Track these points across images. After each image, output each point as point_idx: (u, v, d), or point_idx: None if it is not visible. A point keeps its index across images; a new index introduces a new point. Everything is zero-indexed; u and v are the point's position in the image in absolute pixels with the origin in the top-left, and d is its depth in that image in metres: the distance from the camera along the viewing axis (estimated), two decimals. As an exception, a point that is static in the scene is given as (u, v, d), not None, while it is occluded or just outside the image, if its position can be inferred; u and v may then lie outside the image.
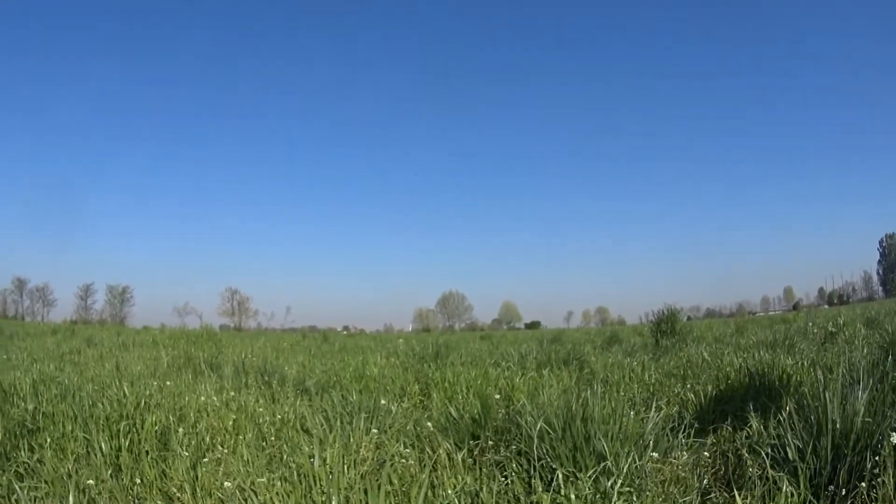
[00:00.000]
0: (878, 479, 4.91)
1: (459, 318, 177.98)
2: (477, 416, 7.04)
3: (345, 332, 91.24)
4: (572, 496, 4.32)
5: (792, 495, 4.85)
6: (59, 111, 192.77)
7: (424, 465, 5.48)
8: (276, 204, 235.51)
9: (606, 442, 5.61)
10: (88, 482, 5.82)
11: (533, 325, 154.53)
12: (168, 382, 10.01)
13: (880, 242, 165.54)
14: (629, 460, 5.36)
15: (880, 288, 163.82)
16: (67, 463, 6.45)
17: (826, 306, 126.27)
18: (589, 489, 4.89)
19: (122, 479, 6.19)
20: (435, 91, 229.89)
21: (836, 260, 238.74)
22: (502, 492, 4.98)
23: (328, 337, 37.51)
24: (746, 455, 5.81)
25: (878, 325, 15.96)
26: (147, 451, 6.82)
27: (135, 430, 7.28)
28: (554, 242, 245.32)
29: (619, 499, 4.69)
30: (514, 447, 5.96)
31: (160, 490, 6.05)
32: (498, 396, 7.72)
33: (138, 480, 6.14)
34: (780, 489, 4.86)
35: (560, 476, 5.08)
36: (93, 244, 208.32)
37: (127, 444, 7.03)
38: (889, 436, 5.11)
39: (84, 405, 7.93)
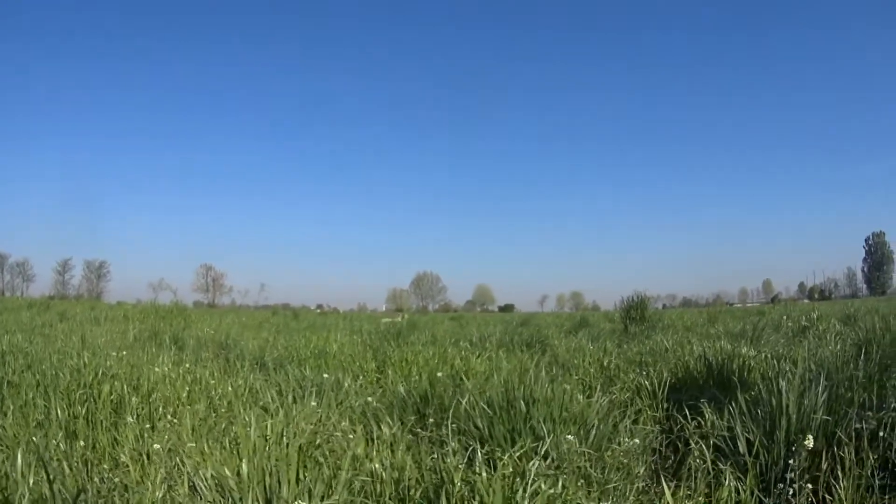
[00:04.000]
0: (835, 480, 4.79)
1: (433, 298, 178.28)
2: (424, 395, 7.11)
3: (318, 311, 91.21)
4: (483, 474, 4.33)
5: (738, 490, 4.66)
6: (37, 83, 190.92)
7: (358, 441, 5.47)
8: (252, 181, 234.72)
9: (546, 424, 5.53)
10: (42, 446, 5.94)
11: (506, 308, 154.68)
12: (123, 353, 10.04)
13: (866, 240, 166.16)
14: (561, 442, 5.27)
15: (864, 285, 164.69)
16: (29, 430, 6.56)
17: (806, 301, 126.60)
18: (508, 469, 4.69)
19: (76, 446, 6.27)
20: (411, 69, 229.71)
21: (818, 256, 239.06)
22: (428, 468, 5.01)
23: (298, 314, 37.55)
24: (694, 446, 5.55)
25: (854, 322, 15.78)
26: (102, 420, 6.93)
27: (92, 399, 7.39)
28: (531, 226, 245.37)
29: (538, 480, 4.46)
30: (455, 426, 5.78)
31: (111, 456, 6.15)
32: (440, 374, 7.56)
33: (92, 446, 6.26)
34: (725, 483, 4.66)
35: (479, 454, 4.91)
36: (74, 220, 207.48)
37: (84, 412, 7.14)
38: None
39: (47, 374, 8.04)
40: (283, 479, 4.35)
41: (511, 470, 4.58)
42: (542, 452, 5.01)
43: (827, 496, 4.75)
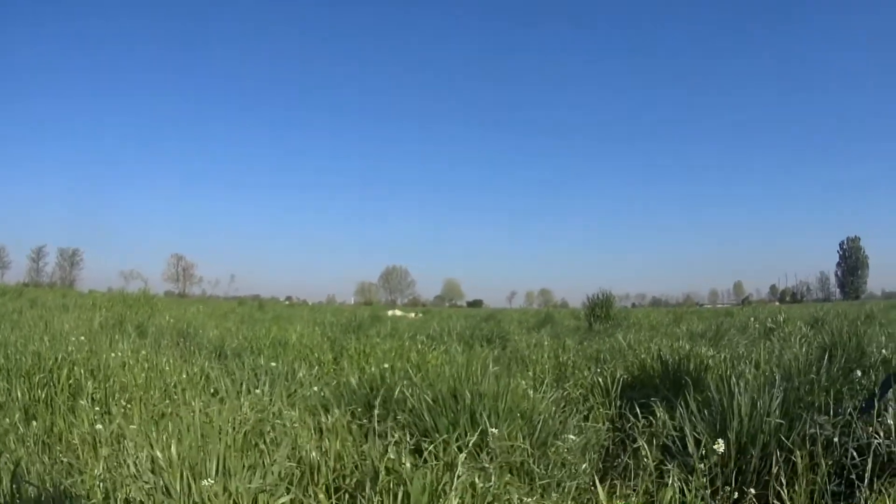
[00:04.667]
0: (785, 485, 4.61)
1: (402, 293, 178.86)
2: (373, 386, 7.16)
3: (287, 303, 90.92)
4: (407, 465, 4.33)
5: (682, 492, 4.54)
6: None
7: (300, 429, 5.49)
8: (224, 171, 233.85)
9: (491, 418, 5.45)
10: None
11: (475, 304, 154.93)
12: (82, 338, 10.10)
13: (841, 245, 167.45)
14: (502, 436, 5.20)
15: (838, 290, 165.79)
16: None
17: (777, 303, 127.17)
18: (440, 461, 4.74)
19: (34, 428, 6.40)
20: (386, 56, 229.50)
21: (791, 260, 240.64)
22: (364, 457, 5.04)
23: (264, 306, 37.47)
24: (642, 444, 5.29)
25: (822, 326, 15.51)
26: (60, 404, 7.07)
27: (52, 383, 7.52)
28: (502, 223, 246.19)
29: (471, 473, 4.46)
30: (402, 418, 5.84)
31: (67, 439, 6.29)
32: (387, 366, 7.62)
33: (50, 429, 6.39)
34: (669, 483, 4.49)
35: (406, 445, 4.92)
36: (48, 207, 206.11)
37: (43, 395, 7.29)
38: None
39: (11, 358, 8.16)
40: (213, 463, 4.44)
41: (441, 462, 4.61)
42: (478, 446, 5.03)
43: (776, 502, 4.63)
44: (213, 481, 4.08)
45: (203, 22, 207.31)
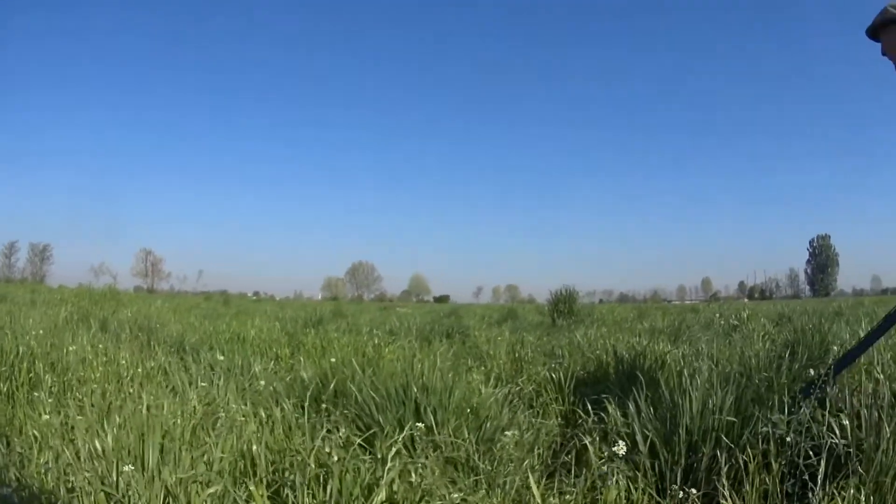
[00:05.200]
0: (736, 485, 4.47)
1: (368, 288, 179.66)
2: (324, 380, 7.22)
3: (254, 298, 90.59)
4: (335, 457, 4.31)
5: (630, 491, 4.53)
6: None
7: (246, 423, 5.52)
8: (192, 167, 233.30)
9: (439, 414, 5.49)
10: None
11: (442, 299, 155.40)
12: (41, 331, 10.19)
13: (811, 242, 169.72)
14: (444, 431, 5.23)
15: (807, 287, 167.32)
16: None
17: (746, 300, 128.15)
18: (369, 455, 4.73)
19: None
20: (350, 56, 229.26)
21: (761, 257, 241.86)
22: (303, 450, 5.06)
23: (229, 301, 37.37)
24: (589, 442, 5.09)
25: (788, 323, 15.33)
26: (20, 397, 7.23)
27: (13, 377, 7.69)
28: (470, 219, 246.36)
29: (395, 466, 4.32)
30: (346, 412, 5.86)
31: (25, 432, 6.44)
32: (333, 360, 7.58)
33: (10, 421, 6.54)
34: (616, 481, 4.47)
35: (337, 440, 4.89)
36: (19, 201, 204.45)
37: (5, 389, 7.45)
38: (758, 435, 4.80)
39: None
40: (153, 454, 4.59)
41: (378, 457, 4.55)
42: (427, 441, 5.04)
43: (723, 503, 4.38)
44: (132, 467, 4.14)
45: (164, 15, 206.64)
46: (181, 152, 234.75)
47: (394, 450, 4.47)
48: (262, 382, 7.30)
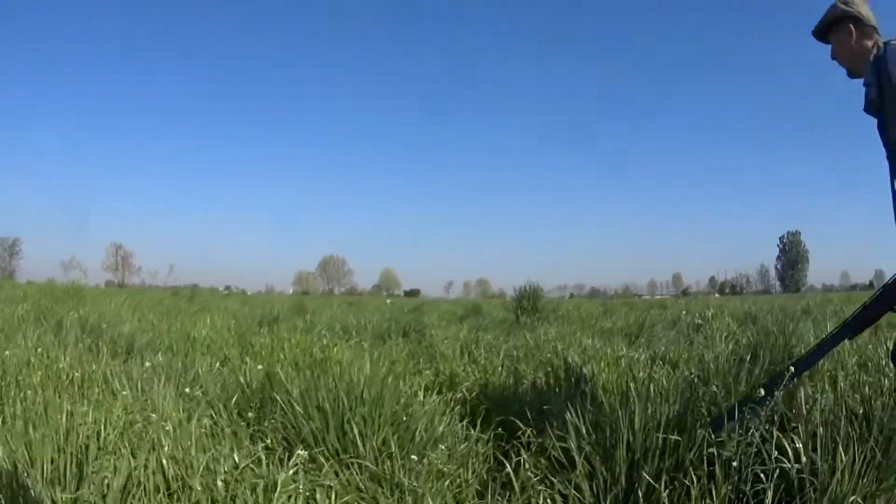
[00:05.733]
0: None
1: (339, 282, 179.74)
2: (261, 387, 6.86)
3: (225, 292, 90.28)
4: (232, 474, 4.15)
5: None
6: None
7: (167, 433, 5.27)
8: (162, 160, 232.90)
9: (366, 425, 5.22)
10: None
11: (412, 293, 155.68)
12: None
13: (781, 239, 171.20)
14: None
15: (777, 283, 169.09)
16: None
17: (717, 295, 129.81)
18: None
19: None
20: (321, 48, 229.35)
21: (731, 253, 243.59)
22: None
23: (195, 296, 36.84)
24: (526, 458, 4.92)
25: (754, 322, 15.23)
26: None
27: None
28: (441, 212, 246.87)
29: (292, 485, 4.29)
30: (274, 422, 5.57)
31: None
32: (260, 367, 7.34)
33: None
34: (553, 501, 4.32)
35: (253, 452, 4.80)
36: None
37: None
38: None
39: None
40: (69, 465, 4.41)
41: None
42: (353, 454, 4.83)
43: None
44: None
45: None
46: (153, 145, 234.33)
47: (290, 471, 4.38)
48: (199, 388, 7.05)
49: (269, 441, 5.16)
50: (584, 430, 4.84)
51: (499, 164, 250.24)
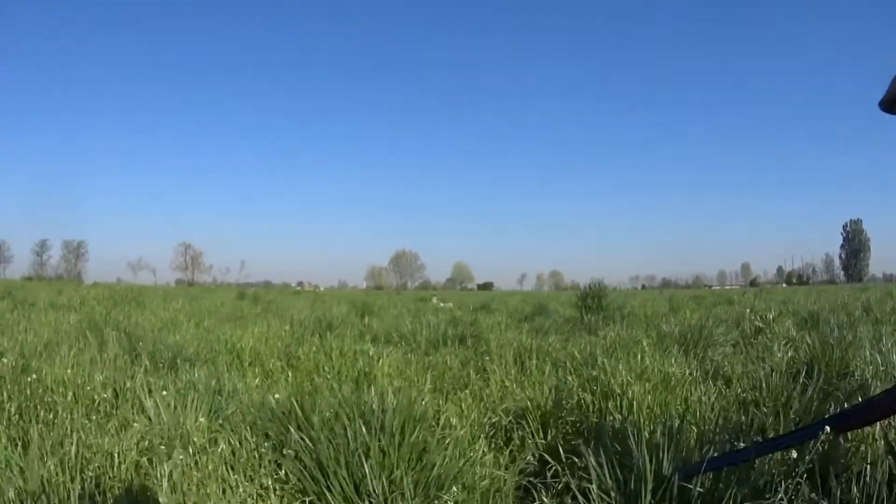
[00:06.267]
0: None
1: (412, 276, 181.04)
2: (290, 409, 6.40)
3: (298, 288, 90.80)
4: None
5: None
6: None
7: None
8: (234, 159, 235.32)
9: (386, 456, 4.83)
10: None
11: (485, 287, 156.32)
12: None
13: (844, 227, 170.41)
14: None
15: (842, 272, 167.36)
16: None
17: (784, 285, 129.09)
18: None
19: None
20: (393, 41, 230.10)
21: (797, 241, 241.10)
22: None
23: (259, 297, 36.58)
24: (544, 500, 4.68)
25: (814, 324, 14.67)
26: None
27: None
28: (515, 206, 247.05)
29: None
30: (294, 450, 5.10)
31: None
32: (277, 396, 6.74)
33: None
34: None
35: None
36: (51, 200, 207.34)
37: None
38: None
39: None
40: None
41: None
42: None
43: None
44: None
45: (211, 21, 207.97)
46: (221, 144, 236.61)
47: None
48: (232, 408, 6.77)
49: (282, 473, 4.94)
50: (606, 474, 4.21)
51: (571, 154, 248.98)
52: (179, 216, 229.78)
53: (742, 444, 4.33)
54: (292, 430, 5.31)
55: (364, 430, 5.02)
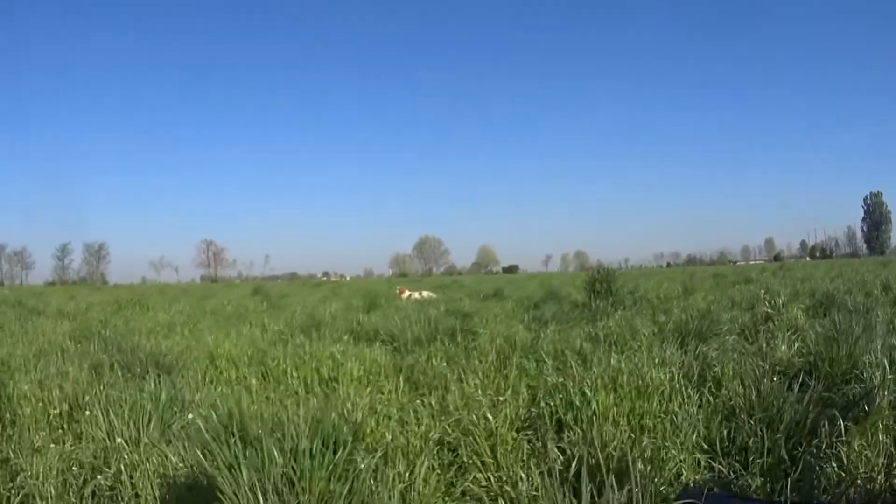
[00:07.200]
0: None
1: (436, 262, 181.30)
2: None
3: (324, 279, 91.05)
4: None
5: None
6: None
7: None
8: (255, 153, 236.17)
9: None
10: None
11: (510, 270, 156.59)
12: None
13: (864, 200, 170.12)
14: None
15: (864, 245, 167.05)
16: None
17: (808, 259, 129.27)
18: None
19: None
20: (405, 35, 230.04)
21: (819, 214, 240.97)
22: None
23: (270, 294, 36.25)
24: None
25: (828, 307, 13.95)
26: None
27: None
28: (537, 187, 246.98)
29: None
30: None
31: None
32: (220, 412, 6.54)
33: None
34: None
35: None
36: (69, 203, 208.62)
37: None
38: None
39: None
40: None
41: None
42: None
43: None
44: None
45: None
46: (236, 138, 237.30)
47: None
48: (190, 416, 6.57)
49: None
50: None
51: (596, 137, 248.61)
52: (204, 214, 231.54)
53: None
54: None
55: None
